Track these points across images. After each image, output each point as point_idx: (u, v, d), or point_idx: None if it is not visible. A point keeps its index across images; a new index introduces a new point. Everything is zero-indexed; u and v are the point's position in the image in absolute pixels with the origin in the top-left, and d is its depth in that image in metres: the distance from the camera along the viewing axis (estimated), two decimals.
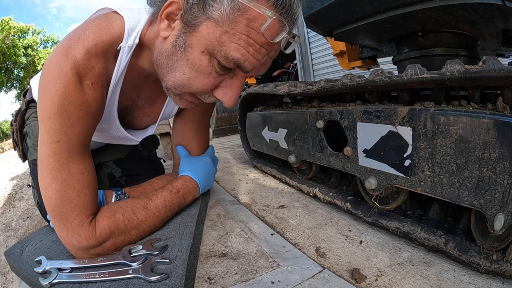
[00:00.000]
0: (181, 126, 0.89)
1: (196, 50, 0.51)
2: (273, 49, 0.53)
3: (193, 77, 0.54)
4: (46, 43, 18.49)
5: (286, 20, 0.50)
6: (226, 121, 2.86)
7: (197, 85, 0.55)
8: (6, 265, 0.70)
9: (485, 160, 0.51)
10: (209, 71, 0.53)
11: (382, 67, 1.09)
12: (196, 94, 0.58)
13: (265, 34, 0.48)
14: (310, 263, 0.62)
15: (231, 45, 0.49)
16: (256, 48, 0.50)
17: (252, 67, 0.52)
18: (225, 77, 0.56)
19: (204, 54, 0.51)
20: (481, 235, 0.56)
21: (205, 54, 0.51)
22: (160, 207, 0.67)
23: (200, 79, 0.54)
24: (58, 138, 0.54)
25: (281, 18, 0.49)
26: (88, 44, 0.54)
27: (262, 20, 0.48)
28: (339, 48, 1.70)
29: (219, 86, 0.56)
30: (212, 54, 0.51)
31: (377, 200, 0.76)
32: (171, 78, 0.56)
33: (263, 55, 0.52)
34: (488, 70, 0.50)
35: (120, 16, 0.59)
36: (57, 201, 0.55)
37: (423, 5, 0.75)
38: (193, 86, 0.55)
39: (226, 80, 0.56)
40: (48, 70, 0.53)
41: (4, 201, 1.38)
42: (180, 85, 0.56)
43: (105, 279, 0.53)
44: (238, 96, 0.58)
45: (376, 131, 0.70)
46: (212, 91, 0.57)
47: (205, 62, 0.52)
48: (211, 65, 0.52)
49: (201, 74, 0.53)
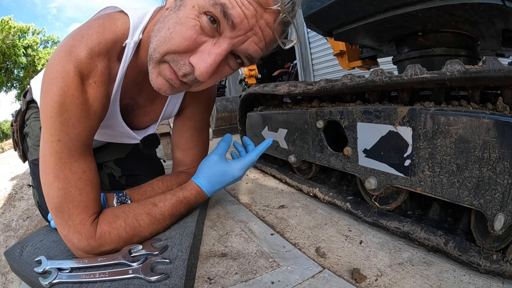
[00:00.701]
0: (180, 126, 0.89)
1: (188, 6, 0.51)
2: (262, 17, 0.51)
3: (176, 30, 0.51)
4: (46, 43, 18.51)
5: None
6: (226, 121, 2.86)
7: (177, 38, 0.51)
8: (6, 265, 0.70)
9: (485, 160, 0.51)
10: (193, 24, 0.50)
11: (382, 67, 1.09)
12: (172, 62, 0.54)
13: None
14: (310, 263, 0.62)
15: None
16: (245, 2, 0.49)
17: (240, 20, 0.49)
18: (207, 41, 0.52)
19: (194, 8, 0.50)
20: (481, 235, 0.56)
21: (195, 9, 0.50)
22: (166, 214, 0.66)
23: (182, 30, 0.51)
24: (59, 137, 0.54)
25: None
26: (92, 43, 0.54)
27: None
28: (339, 48, 1.70)
29: (197, 51, 0.52)
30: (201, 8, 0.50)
31: (377, 200, 0.76)
32: (155, 39, 0.53)
33: (251, 13, 0.49)
34: (488, 70, 0.50)
35: (124, 15, 0.59)
36: (59, 199, 0.55)
37: (423, 5, 0.75)
38: (173, 41, 0.51)
39: (207, 44, 0.52)
40: (51, 69, 0.53)
41: (4, 201, 1.38)
42: (161, 42, 0.52)
43: (105, 279, 0.53)
44: (214, 67, 0.52)
45: (376, 131, 0.70)
46: (189, 57, 0.53)
47: (192, 15, 0.50)
48: (198, 19, 0.50)
49: (184, 26, 0.51)
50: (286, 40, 0.58)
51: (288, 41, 0.58)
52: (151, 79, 0.57)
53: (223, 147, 0.77)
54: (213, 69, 0.52)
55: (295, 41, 0.57)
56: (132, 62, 0.62)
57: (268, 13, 0.51)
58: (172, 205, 0.67)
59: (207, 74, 0.52)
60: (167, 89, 0.57)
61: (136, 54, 0.62)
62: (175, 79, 0.55)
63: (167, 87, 0.57)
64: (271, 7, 0.50)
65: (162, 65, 0.55)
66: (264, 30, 0.53)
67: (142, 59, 0.63)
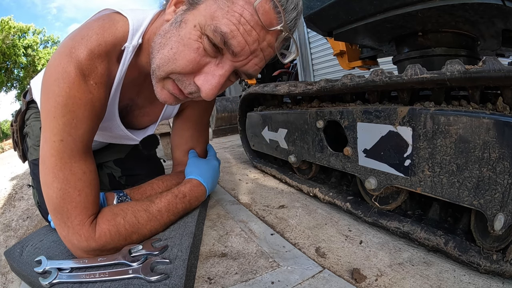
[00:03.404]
0: (180, 126, 0.89)
1: (189, 25, 0.51)
2: (265, 39, 0.51)
3: (179, 51, 0.52)
4: (46, 43, 18.51)
5: (283, 11, 0.50)
6: (226, 121, 2.86)
7: (181, 61, 0.52)
8: (6, 265, 0.70)
9: (485, 160, 0.51)
10: (197, 46, 0.51)
11: (382, 67, 1.09)
12: (177, 81, 0.55)
13: (259, 13, 0.48)
14: (310, 263, 0.62)
15: (222, 20, 0.49)
16: (247, 28, 0.49)
17: (241, 49, 0.50)
18: (211, 61, 0.53)
19: (195, 28, 0.51)
20: (481, 235, 0.56)
21: (196, 29, 0.51)
22: (163, 211, 0.67)
23: (186, 53, 0.51)
24: (62, 137, 0.54)
25: (277, 3, 0.49)
26: (92, 44, 0.54)
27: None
28: (339, 48, 1.70)
29: (202, 72, 0.53)
30: (203, 29, 0.50)
31: (377, 200, 0.76)
32: (158, 56, 0.54)
33: (253, 38, 0.50)
34: (488, 70, 0.50)
35: (123, 17, 0.59)
36: (58, 199, 0.55)
37: (423, 5, 0.75)
38: (177, 62, 0.52)
39: (211, 65, 0.53)
40: (52, 70, 0.53)
41: (4, 201, 1.38)
42: (165, 62, 0.53)
43: (105, 279, 0.53)
44: (219, 87, 0.54)
45: (376, 131, 0.70)
46: (194, 77, 0.54)
47: (194, 36, 0.51)
48: (200, 41, 0.51)
49: (187, 48, 0.51)
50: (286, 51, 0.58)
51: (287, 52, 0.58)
52: (156, 91, 0.59)
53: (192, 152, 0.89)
54: (218, 90, 0.55)
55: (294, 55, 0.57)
56: (132, 64, 0.62)
57: (270, 34, 0.51)
58: (168, 201, 0.68)
59: (213, 95, 0.54)
60: (173, 101, 0.60)
61: (136, 56, 0.62)
62: (179, 94, 0.57)
63: (172, 100, 0.59)
64: (274, 27, 0.50)
65: (167, 81, 0.56)
66: (266, 51, 0.54)
67: (143, 62, 0.63)
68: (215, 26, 0.48)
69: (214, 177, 0.84)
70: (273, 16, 0.50)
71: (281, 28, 0.51)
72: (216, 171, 0.86)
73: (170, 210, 0.68)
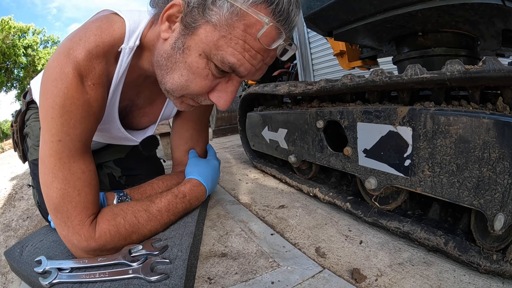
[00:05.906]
0: (180, 126, 0.89)
1: (194, 52, 0.52)
2: (269, 55, 0.54)
3: (190, 79, 0.55)
4: (46, 43, 18.48)
5: (283, 28, 0.50)
6: (226, 121, 2.86)
7: (194, 87, 0.55)
8: (6, 265, 0.70)
9: (485, 160, 0.51)
10: (206, 73, 0.54)
11: (382, 67, 1.09)
12: (193, 97, 0.59)
13: (262, 40, 0.49)
14: (310, 263, 0.62)
15: (227, 50, 0.50)
16: (252, 53, 0.51)
17: (247, 72, 0.53)
18: (220, 81, 0.57)
19: (201, 57, 0.52)
20: (481, 235, 0.56)
21: (202, 57, 0.52)
22: (163, 210, 0.67)
23: (197, 81, 0.55)
24: (60, 138, 0.54)
25: (278, 26, 0.50)
26: (89, 45, 0.54)
27: (259, 26, 0.48)
28: (339, 48, 1.70)
29: (215, 90, 0.57)
30: (209, 57, 0.52)
31: (377, 200, 0.76)
32: (169, 80, 0.57)
33: (258, 61, 0.53)
34: (488, 70, 0.50)
35: (120, 18, 0.60)
36: (58, 199, 0.55)
37: (423, 5, 0.75)
38: (190, 88, 0.56)
39: (222, 83, 0.57)
40: (50, 71, 0.54)
41: (4, 201, 1.38)
42: (179, 87, 0.56)
43: (105, 279, 0.53)
44: (233, 99, 0.60)
45: (376, 131, 0.70)
46: (208, 94, 0.58)
47: (202, 65, 0.53)
48: (208, 68, 0.53)
49: (198, 77, 0.54)
50: None
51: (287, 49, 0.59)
52: (175, 104, 0.63)
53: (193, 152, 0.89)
54: (232, 101, 0.59)
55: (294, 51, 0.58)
56: (131, 65, 0.62)
57: (274, 49, 0.53)
58: (168, 201, 0.69)
59: (227, 107, 0.59)
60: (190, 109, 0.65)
61: (135, 58, 0.62)
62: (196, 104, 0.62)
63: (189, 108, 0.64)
64: (277, 44, 0.51)
65: (184, 98, 0.60)
66: (269, 62, 0.56)
67: (143, 64, 0.63)
68: (222, 57, 0.50)
69: (214, 177, 0.84)
70: (274, 33, 0.50)
71: (282, 43, 0.52)
72: (216, 171, 0.86)
73: (170, 210, 0.68)
